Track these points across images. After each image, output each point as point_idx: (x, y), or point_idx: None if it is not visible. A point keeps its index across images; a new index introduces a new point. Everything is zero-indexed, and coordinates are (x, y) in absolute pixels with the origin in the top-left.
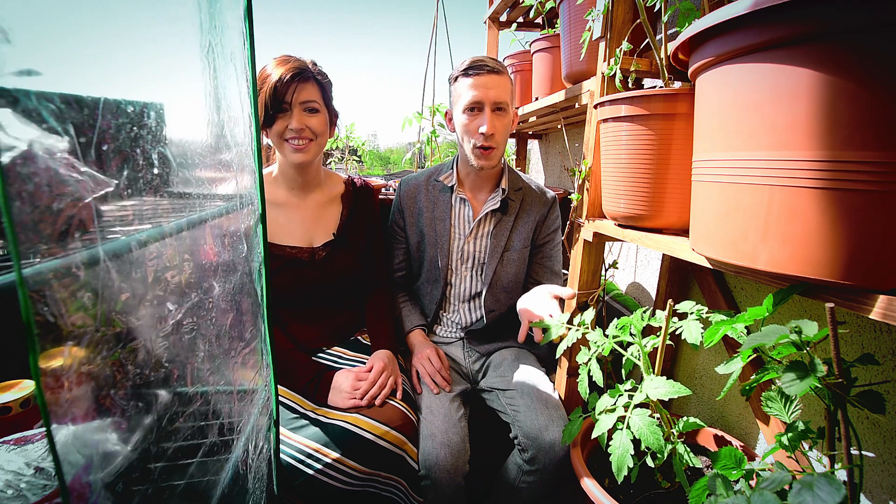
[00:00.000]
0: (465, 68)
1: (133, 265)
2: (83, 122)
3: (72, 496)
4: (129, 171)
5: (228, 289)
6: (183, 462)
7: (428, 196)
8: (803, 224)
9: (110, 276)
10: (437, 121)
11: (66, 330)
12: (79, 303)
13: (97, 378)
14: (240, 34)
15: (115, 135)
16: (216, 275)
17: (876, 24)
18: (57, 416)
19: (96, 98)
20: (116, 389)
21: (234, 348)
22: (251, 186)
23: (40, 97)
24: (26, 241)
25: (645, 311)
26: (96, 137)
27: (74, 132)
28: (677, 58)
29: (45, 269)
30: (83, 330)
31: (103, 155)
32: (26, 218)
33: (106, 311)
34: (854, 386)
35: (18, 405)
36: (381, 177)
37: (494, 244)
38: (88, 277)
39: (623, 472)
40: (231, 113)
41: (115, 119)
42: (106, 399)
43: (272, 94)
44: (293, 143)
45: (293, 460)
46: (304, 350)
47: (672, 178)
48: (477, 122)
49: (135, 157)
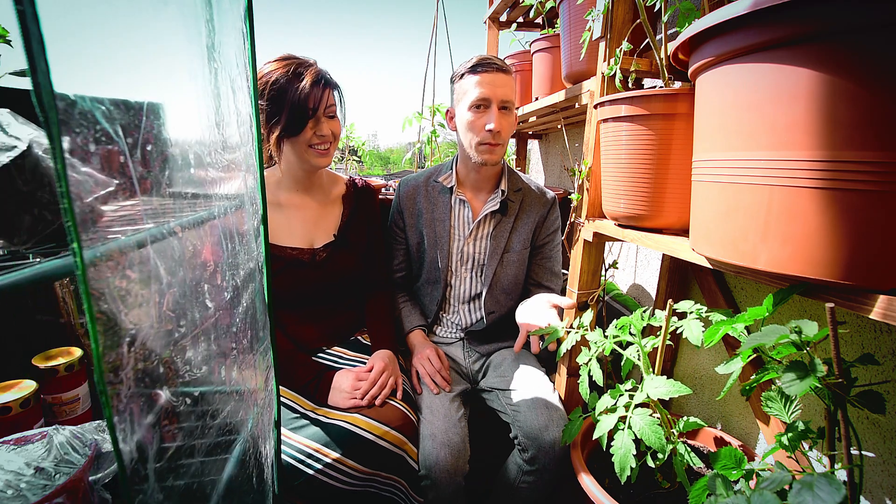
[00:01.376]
0: (472, 65)
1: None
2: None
3: (130, 485)
4: (170, 171)
5: (233, 289)
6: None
7: (427, 197)
8: (803, 224)
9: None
10: (437, 121)
11: (122, 327)
12: (134, 299)
13: (152, 373)
14: (240, 34)
15: (158, 135)
16: (222, 275)
17: (876, 24)
18: (116, 410)
19: (141, 101)
20: (170, 385)
21: (238, 348)
22: (253, 186)
23: (94, 101)
24: (86, 238)
25: (644, 311)
26: (141, 139)
27: (123, 133)
28: (677, 58)
29: (103, 266)
30: (138, 326)
31: (148, 155)
32: (86, 218)
33: (158, 308)
34: (854, 386)
35: (18, 405)
36: (381, 177)
37: (494, 246)
38: (142, 274)
39: (626, 471)
40: (232, 113)
41: (157, 120)
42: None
43: (300, 102)
44: (319, 148)
45: (293, 460)
46: (305, 350)
47: (672, 178)
48: (484, 119)
49: (135, 157)
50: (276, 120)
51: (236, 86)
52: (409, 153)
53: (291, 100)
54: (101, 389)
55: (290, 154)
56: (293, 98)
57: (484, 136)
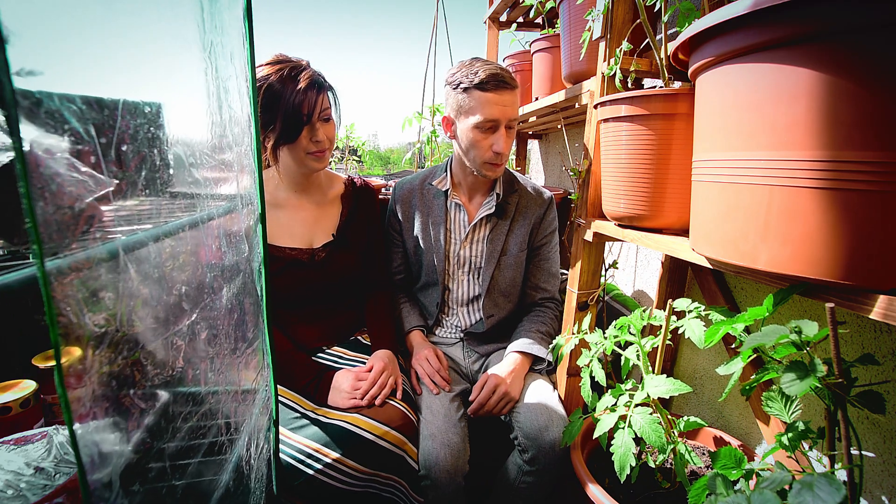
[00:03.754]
0: (482, 81)
1: (152, 265)
2: (104, 122)
3: (92, 494)
4: (147, 171)
5: (231, 289)
6: (184, 462)
7: (423, 200)
8: (803, 224)
9: (129, 275)
10: (437, 121)
11: (86, 329)
12: (99, 302)
13: (117, 377)
14: (239, 34)
15: (134, 135)
16: (220, 275)
17: (876, 24)
18: (78, 415)
19: (116, 99)
20: (137, 388)
21: (236, 348)
22: (251, 186)
23: (63, 99)
24: (49, 241)
25: (644, 311)
26: (116, 138)
27: (96, 133)
28: (677, 58)
29: (67, 269)
30: (103, 329)
31: (123, 155)
32: (49, 218)
33: (126, 311)
34: (854, 386)
35: (18, 405)
36: (381, 177)
37: (490, 249)
38: (110, 277)
39: (626, 470)
40: (231, 113)
41: (133, 119)
42: (125, 398)
43: (294, 109)
44: (316, 154)
45: (293, 460)
46: (305, 350)
47: (672, 178)
48: (490, 140)
49: (154, 157)
50: (271, 128)
51: (229, 85)
52: (409, 153)
53: (285, 107)
54: (61, 393)
55: (288, 158)
56: (287, 105)
57: (490, 156)
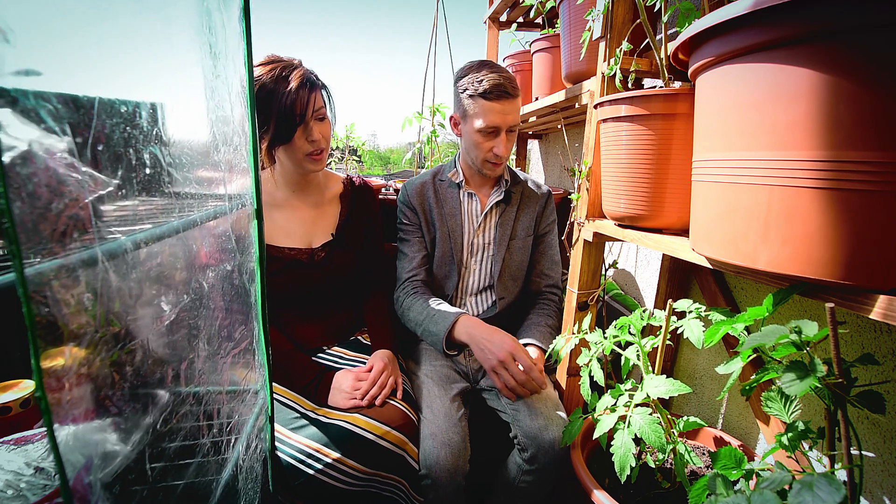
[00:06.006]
0: (485, 91)
1: (130, 265)
2: (80, 122)
3: (74, 497)
4: (124, 171)
5: (224, 289)
6: (179, 462)
7: (437, 193)
8: (803, 224)
9: (109, 276)
10: (437, 121)
11: (66, 330)
12: (79, 304)
13: (97, 379)
14: (236, 34)
15: (111, 135)
16: (212, 275)
17: (876, 24)
18: (59, 417)
19: (92, 98)
20: (115, 390)
21: (225, 348)
22: (248, 186)
23: (38, 97)
24: (27, 241)
25: (644, 311)
26: (92, 138)
27: (71, 132)
28: (677, 58)
29: (47, 270)
30: (83, 330)
31: (99, 155)
32: (27, 218)
33: (105, 312)
34: (854, 386)
35: (18, 405)
36: (381, 177)
37: (501, 233)
38: (88, 278)
39: (626, 470)
40: (228, 113)
41: (109, 119)
42: (105, 399)
43: (287, 108)
44: (313, 155)
45: (293, 460)
46: (305, 350)
47: (672, 178)
48: (491, 143)
49: (130, 156)
50: (265, 129)
51: (219, 82)
52: (409, 153)
53: (278, 107)
54: (40, 395)
55: (285, 159)
56: (280, 105)
57: (490, 157)
